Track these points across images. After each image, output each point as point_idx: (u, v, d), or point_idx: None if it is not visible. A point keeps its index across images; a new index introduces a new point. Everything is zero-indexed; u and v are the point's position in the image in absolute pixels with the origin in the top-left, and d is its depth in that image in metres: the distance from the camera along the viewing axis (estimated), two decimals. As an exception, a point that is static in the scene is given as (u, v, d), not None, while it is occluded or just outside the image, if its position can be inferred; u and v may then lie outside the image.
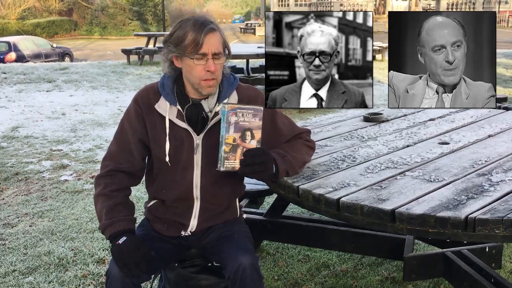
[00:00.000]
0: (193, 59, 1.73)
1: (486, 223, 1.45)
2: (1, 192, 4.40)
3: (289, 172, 1.81)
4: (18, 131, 6.29)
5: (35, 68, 12.21)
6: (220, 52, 1.76)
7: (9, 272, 2.82)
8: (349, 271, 2.74)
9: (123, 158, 1.83)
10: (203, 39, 1.71)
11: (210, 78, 1.75)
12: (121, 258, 1.69)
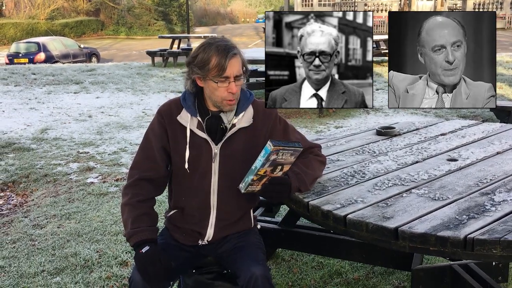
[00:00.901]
0: (217, 82, 1.86)
1: (484, 244, 1.53)
2: (31, 193, 4.62)
3: (301, 189, 1.93)
4: (47, 133, 6.53)
5: (63, 69, 12.55)
6: (241, 74, 1.90)
7: (38, 272, 2.99)
8: (361, 279, 2.82)
9: (148, 166, 1.97)
10: (227, 64, 1.84)
11: (231, 99, 1.89)
12: (143, 267, 1.83)
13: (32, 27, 30.77)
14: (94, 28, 35.64)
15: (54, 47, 18.70)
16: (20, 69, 12.32)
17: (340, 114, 7.41)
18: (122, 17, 35.51)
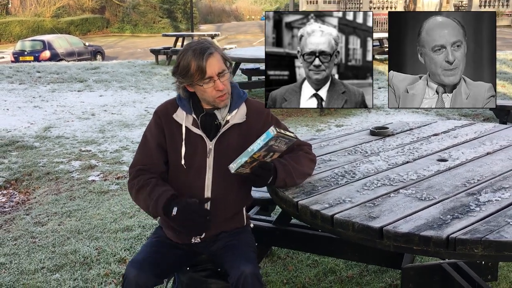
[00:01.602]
0: (202, 85, 1.92)
1: (466, 243, 1.56)
2: (34, 191, 4.69)
3: (286, 181, 1.98)
4: (50, 131, 6.60)
5: (68, 67, 12.62)
6: (223, 70, 1.97)
7: (38, 269, 3.05)
8: (355, 277, 2.86)
9: (147, 162, 2.05)
10: (205, 65, 1.91)
11: (222, 95, 1.96)
12: (182, 227, 1.92)
13: (38, 25, 30.90)
14: (99, 25, 35.74)
15: (59, 45, 18.81)
16: (25, 67, 12.41)
17: (341, 112, 7.43)
18: (127, 14, 35.59)
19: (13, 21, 30.10)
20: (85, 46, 19.93)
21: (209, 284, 2.16)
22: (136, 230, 3.56)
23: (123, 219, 3.79)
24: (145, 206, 2.00)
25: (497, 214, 1.71)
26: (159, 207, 1.92)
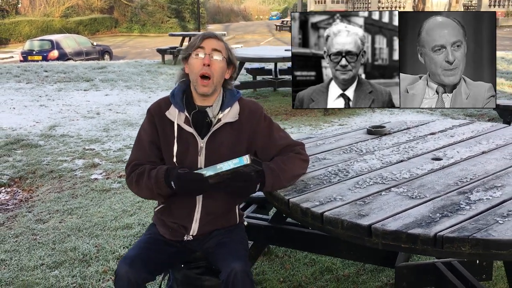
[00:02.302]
0: (192, 54, 1.99)
1: (453, 241, 1.56)
2: (37, 189, 4.73)
3: (274, 186, 2.00)
4: (55, 130, 6.65)
5: (75, 66, 12.71)
6: (218, 50, 2.00)
7: (37, 265, 3.08)
8: (351, 276, 2.86)
9: (142, 158, 2.07)
10: (204, 39, 2.01)
11: (206, 75, 1.98)
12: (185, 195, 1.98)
13: (47, 25, 31.14)
14: (108, 25, 35.96)
15: (67, 45, 18.94)
16: (32, 67, 12.51)
17: (345, 112, 7.41)
18: (135, 14, 35.77)
19: (22, 21, 30.35)
20: (93, 45, 20.05)
21: (203, 281, 2.18)
22: (135, 228, 3.58)
23: (123, 217, 3.82)
24: (150, 193, 2.02)
25: (487, 213, 1.70)
26: (162, 187, 1.95)
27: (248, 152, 2.10)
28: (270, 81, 8.26)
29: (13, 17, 30.73)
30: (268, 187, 2.00)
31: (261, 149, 2.10)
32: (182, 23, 34.62)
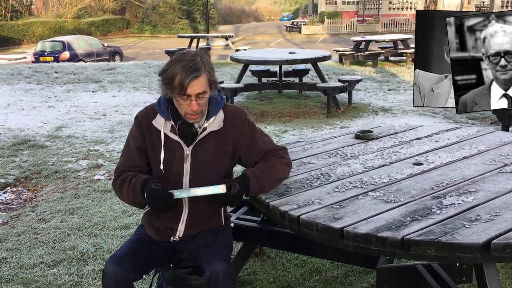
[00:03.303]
0: (178, 100, 2.01)
1: (419, 244, 1.63)
2: (41, 188, 4.85)
3: (258, 192, 2.08)
4: (62, 131, 6.79)
5: (85, 68, 12.88)
6: (204, 92, 2.03)
7: (37, 263, 3.19)
8: (339, 277, 2.93)
9: (130, 164, 2.16)
10: (188, 84, 1.98)
11: (194, 114, 2.05)
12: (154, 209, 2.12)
13: (60, 26, 31.49)
14: (119, 26, 36.27)
15: (79, 46, 19.16)
16: (43, 68, 12.71)
17: (348, 114, 7.46)
18: (147, 15, 36.05)
19: (35, 22, 30.74)
20: (103, 47, 20.25)
21: (190, 281, 2.26)
22: (133, 228, 3.67)
23: (122, 217, 3.91)
24: (128, 199, 2.12)
25: (456, 217, 1.76)
26: (138, 196, 2.05)
27: (233, 158, 2.18)
28: (274, 83, 8.33)
29: (26, 18, 31.14)
30: (252, 192, 2.08)
31: (245, 154, 2.17)
32: (193, 24, 34.82)
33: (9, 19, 29.97)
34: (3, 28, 28.87)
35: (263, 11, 60.43)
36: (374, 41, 13.12)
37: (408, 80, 10.39)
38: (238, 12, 53.40)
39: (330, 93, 7.22)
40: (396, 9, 35.77)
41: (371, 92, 9.20)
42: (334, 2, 35.63)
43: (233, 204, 2.20)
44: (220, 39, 18.80)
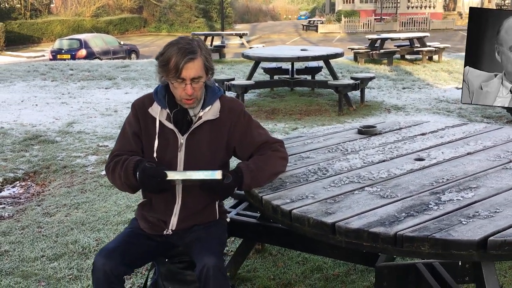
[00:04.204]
0: (173, 83, 1.98)
1: (412, 241, 1.56)
2: (49, 183, 4.87)
3: (251, 186, 2.03)
4: (73, 127, 6.83)
5: (100, 65, 12.97)
6: (199, 76, 2.00)
7: (38, 257, 3.19)
8: (340, 275, 2.86)
9: (125, 148, 2.12)
10: (183, 67, 1.96)
11: (188, 98, 2.01)
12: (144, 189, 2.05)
13: (78, 24, 31.83)
14: (137, 25, 36.51)
15: (95, 44, 19.33)
16: (59, 65, 12.84)
17: (360, 112, 7.37)
18: (164, 14, 36.21)
19: (54, 21, 31.11)
20: (120, 45, 20.39)
21: (185, 276, 2.23)
22: (136, 223, 3.65)
23: (126, 212, 3.90)
24: (120, 182, 2.06)
25: (453, 213, 1.69)
26: (130, 176, 2.00)
27: (227, 149, 2.14)
28: (285, 80, 8.27)
29: (45, 17, 31.53)
30: (246, 186, 2.04)
31: (239, 145, 2.13)
32: (210, 23, 34.87)
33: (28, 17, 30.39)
34: (23, 27, 29.28)
35: (280, 10, 60.27)
36: (389, 39, 12.96)
37: (424, 78, 10.24)
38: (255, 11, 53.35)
39: (342, 90, 7.13)
40: (415, 7, 35.36)
41: (385, 90, 9.07)
42: (351, 1, 35.36)
43: (223, 196, 2.13)
44: (236, 38, 18.78)
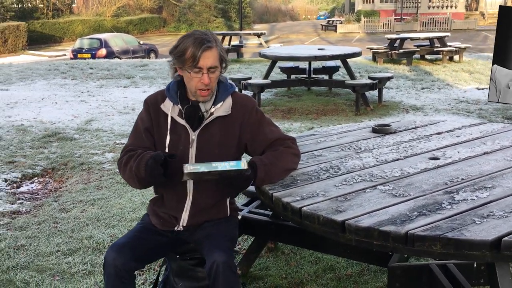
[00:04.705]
0: (190, 73, 1.97)
1: (424, 240, 1.53)
2: (67, 180, 4.93)
3: (265, 180, 2.01)
4: (91, 124, 6.90)
5: (119, 64, 13.10)
6: (215, 66, 2.01)
7: (53, 252, 3.23)
8: (353, 275, 2.83)
9: (137, 145, 2.12)
10: (200, 55, 1.97)
11: (205, 89, 2.01)
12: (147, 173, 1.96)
13: (99, 24, 32.23)
14: (156, 25, 36.81)
15: (115, 43, 19.53)
16: (79, 64, 13.01)
17: (377, 112, 7.29)
18: (183, 14, 36.44)
19: (76, 20, 31.55)
20: (139, 44, 20.57)
21: (196, 272, 2.23)
22: (150, 220, 3.67)
23: (141, 209, 3.92)
24: (130, 174, 2.03)
25: (467, 213, 1.66)
26: (142, 168, 1.96)
27: (239, 146, 2.13)
28: (302, 80, 8.23)
29: (67, 17, 31.99)
30: (259, 180, 2.01)
31: (251, 142, 2.12)
32: (228, 23, 34.96)
33: (50, 17, 30.86)
34: (45, 26, 29.76)
35: (300, 10, 60.12)
36: (409, 38, 12.81)
37: (443, 78, 10.10)
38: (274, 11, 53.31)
39: (359, 90, 7.07)
40: (436, 7, 34.91)
41: (403, 91, 8.97)
42: (371, 1, 35.08)
43: (241, 188, 2.06)
44: (254, 38, 18.78)
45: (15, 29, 25.04)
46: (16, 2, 29.68)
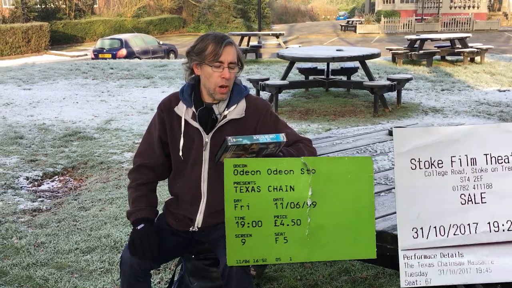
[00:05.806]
0: (212, 67, 2.00)
1: (437, 245, 1.53)
2: (86, 178, 5.02)
3: None
4: (110, 124, 7.00)
5: (139, 64, 13.25)
6: (235, 62, 2.05)
7: (72, 249, 3.29)
8: (368, 278, 2.83)
9: (148, 154, 2.16)
10: (222, 50, 2.00)
11: (224, 85, 2.04)
12: (133, 242, 2.01)
13: (120, 24, 32.58)
14: (176, 25, 37.07)
15: (135, 44, 19.72)
16: (100, 64, 13.19)
17: (396, 114, 7.24)
18: (203, 14, 36.63)
19: (97, 21, 31.96)
20: (159, 44, 20.74)
21: (210, 272, 2.26)
22: (167, 220, 3.72)
23: (158, 208, 3.96)
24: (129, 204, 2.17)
25: (482, 218, 1.64)
26: (132, 218, 2.10)
27: None
28: (320, 81, 8.22)
29: (89, 17, 32.43)
30: None
31: None
32: (247, 23, 35.04)
33: (72, 17, 31.32)
34: (67, 26, 30.20)
35: (319, 11, 59.91)
36: (429, 39, 12.68)
37: (464, 80, 9.98)
38: (294, 11, 53.22)
39: (377, 91, 7.03)
40: (458, 7, 34.44)
41: (423, 92, 8.89)
42: (392, 1, 34.79)
43: None
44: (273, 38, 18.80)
45: (38, 29, 25.48)
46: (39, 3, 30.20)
